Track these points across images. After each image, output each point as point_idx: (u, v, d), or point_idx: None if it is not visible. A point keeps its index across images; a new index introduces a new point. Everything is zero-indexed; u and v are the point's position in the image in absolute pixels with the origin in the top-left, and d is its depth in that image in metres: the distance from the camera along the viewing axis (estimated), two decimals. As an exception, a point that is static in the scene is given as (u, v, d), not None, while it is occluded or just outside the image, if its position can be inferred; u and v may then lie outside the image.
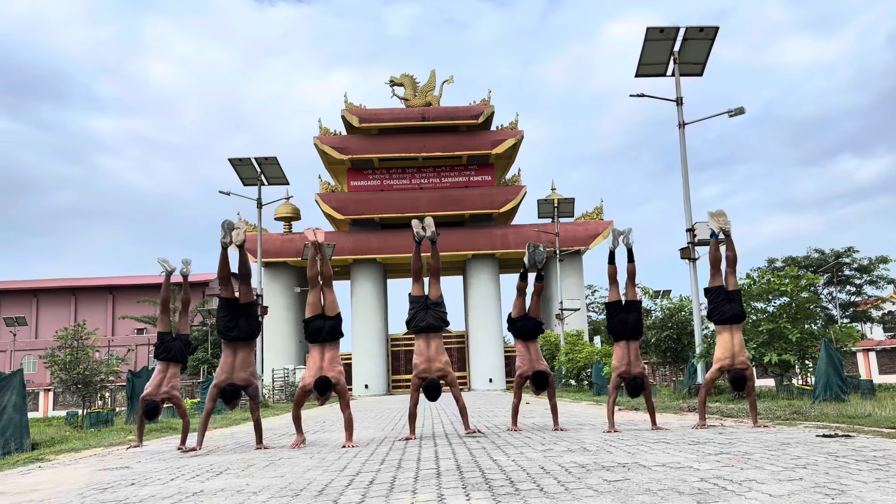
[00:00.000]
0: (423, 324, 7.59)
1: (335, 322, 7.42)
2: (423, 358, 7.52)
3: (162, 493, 4.41)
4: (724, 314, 7.65)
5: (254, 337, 7.41)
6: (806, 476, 3.95)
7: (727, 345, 7.56)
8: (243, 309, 7.38)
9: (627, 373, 7.86)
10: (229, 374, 7.20)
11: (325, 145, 47.48)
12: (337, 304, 7.59)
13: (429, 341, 7.58)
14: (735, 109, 18.28)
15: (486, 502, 3.53)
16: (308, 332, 7.35)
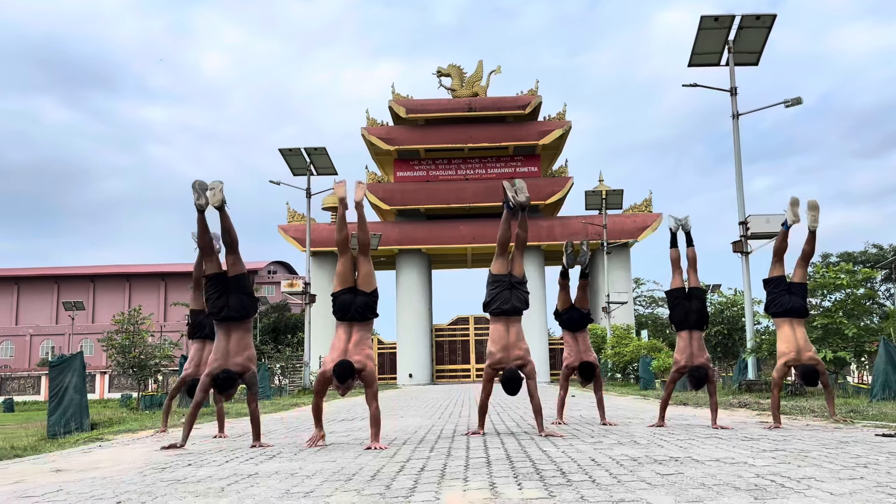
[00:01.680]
0: (508, 306, 6.58)
1: (368, 299, 6.16)
2: (501, 345, 6.52)
3: (218, 474, 4.52)
4: (783, 306, 7.13)
5: (248, 315, 6.36)
6: (867, 475, 3.85)
7: (790, 339, 7.03)
8: (233, 283, 6.30)
9: (689, 364, 7.37)
10: (223, 359, 6.15)
11: (373, 136, 47.79)
12: (374, 277, 6.29)
13: (509, 326, 6.58)
14: (792, 100, 17.79)
15: (538, 492, 3.53)
16: (335, 307, 6.15)
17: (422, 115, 48.77)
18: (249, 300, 6.35)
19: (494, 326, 6.64)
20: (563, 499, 3.32)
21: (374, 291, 6.20)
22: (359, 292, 6.16)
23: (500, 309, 6.59)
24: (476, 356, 50.07)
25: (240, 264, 6.39)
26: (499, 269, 6.73)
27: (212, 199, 6.22)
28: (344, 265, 6.21)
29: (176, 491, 3.89)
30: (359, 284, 6.18)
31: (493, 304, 6.63)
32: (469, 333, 50.63)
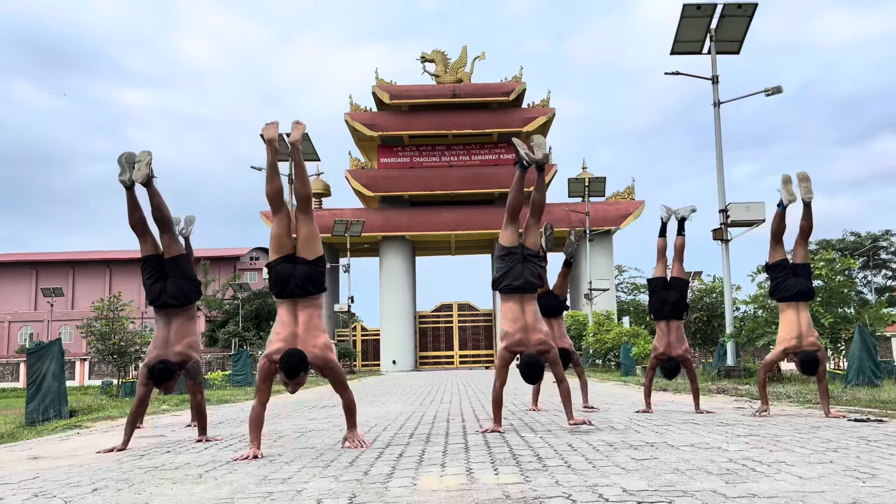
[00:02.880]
0: (521, 282, 5.73)
1: (311, 269, 4.89)
2: (519, 326, 5.67)
3: (196, 461, 4.52)
4: (789, 290, 6.76)
5: (189, 301, 5.70)
6: (836, 459, 3.92)
7: (793, 324, 6.70)
8: (172, 265, 5.70)
9: (666, 354, 7.38)
10: (162, 348, 5.52)
11: (356, 122, 47.55)
12: (318, 241, 5.03)
13: (524, 304, 5.73)
14: (772, 88, 17.90)
15: (514, 477, 3.57)
16: (271, 281, 4.95)
17: (406, 101, 48.57)
18: (189, 284, 5.74)
19: (507, 306, 5.77)
20: (538, 484, 3.36)
21: (318, 259, 4.91)
22: (299, 261, 4.87)
23: (511, 286, 5.74)
24: (459, 343, 50.22)
25: (176, 245, 5.80)
26: (509, 239, 5.88)
27: (136, 174, 5.46)
28: (279, 226, 4.92)
29: (153, 478, 3.90)
30: (298, 250, 4.92)
31: (503, 281, 5.80)
32: (453, 320, 50.74)
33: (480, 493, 3.16)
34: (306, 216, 4.95)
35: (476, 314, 50.79)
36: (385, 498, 3.12)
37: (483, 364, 49.29)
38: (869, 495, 2.92)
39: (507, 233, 5.91)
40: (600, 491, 3.14)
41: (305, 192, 5.03)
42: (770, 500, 2.87)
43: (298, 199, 5.01)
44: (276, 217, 4.95)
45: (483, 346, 50.13)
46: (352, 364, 40.88)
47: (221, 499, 3.21)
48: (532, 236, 5.96)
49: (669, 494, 3.03)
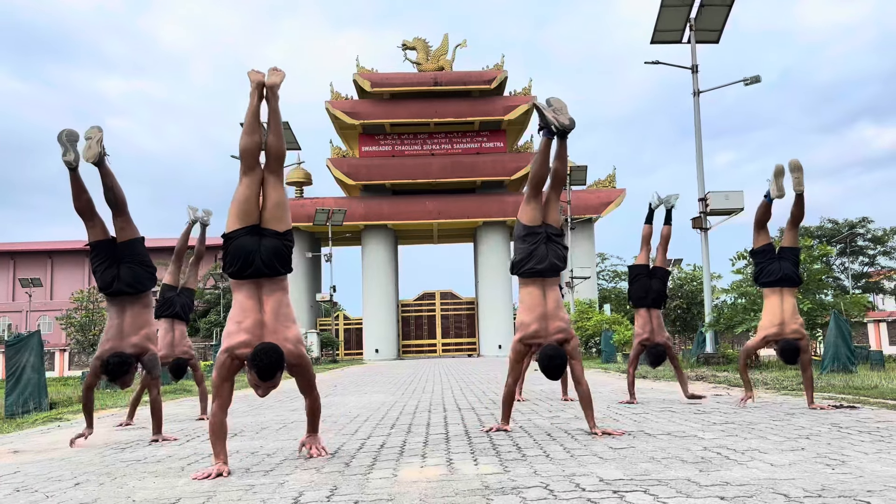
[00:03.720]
0: (545, 264, 5.06)
1: (280, 243, 4.07)
2: (538, 314, 4.97)
3: (179, 454, 4.54)
4: (772, 274, 6.49)
5: (144, 289, 5.28)
6: (808, 446, 4.02)
7: (775, 311, 6.41)
8: (125, 250, 5.23)
9: (649, 341, 7.30)
10: (116, 340, 5.12)
11: (337, 109, 47.29)
12: (288, 211, 4.25)
13: (546, 290, 5.07)
14: (751, 78, 18.05)
15: (493, 468, 3.62)
16: (229, 256, 4.02)
17: (387, 89, 48.36)
18: (144, 270, 5.27)
19: (527, 290, 5.11)
20: (516, 474, 3.42)
21: (287, 233, 4.13)
22: (266, 233, 4.04)
23: (534, 269, 5.06)
24: (442, 331, 50.36)
25: (130, 228, 5.27)
26: (531, 217, 5.19)
27: (86, 153, 4.98)
28: (249, 188, 4.05)
29: (136, 471, 3.91)
30: (265, 220, 4.08)
31: (525, 264, 5.09)
32: (435, 309, 50.85)
33: (460, 484, 3.21)
34: (277, 179, 4.16)
35: (459, 303, 50.93)
36: (366, 489, 3.16)
37: (466, 352, 49.48)
38: (837, 482, 3.00)
39: (528, 210, 5.20)
40: (577, 480, 3.21)
41: (279, 149, 4.22)
42: (741, 487, 2.95)
43: (269, 157, 4.17)
44: (246, 178, 4.05)
45: (465, 335, 50.31)
46: (334, 353, 40.88)
47: (203, 492, 3.24)
48: (554, 212, 5.28)
49: (644, 483, 3.10)
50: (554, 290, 5.13)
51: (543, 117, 5.08)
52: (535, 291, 5.07)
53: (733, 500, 2.71)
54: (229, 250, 3.98)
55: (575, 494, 2.91)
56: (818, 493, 2.79)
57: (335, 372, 22.96)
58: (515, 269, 5.18)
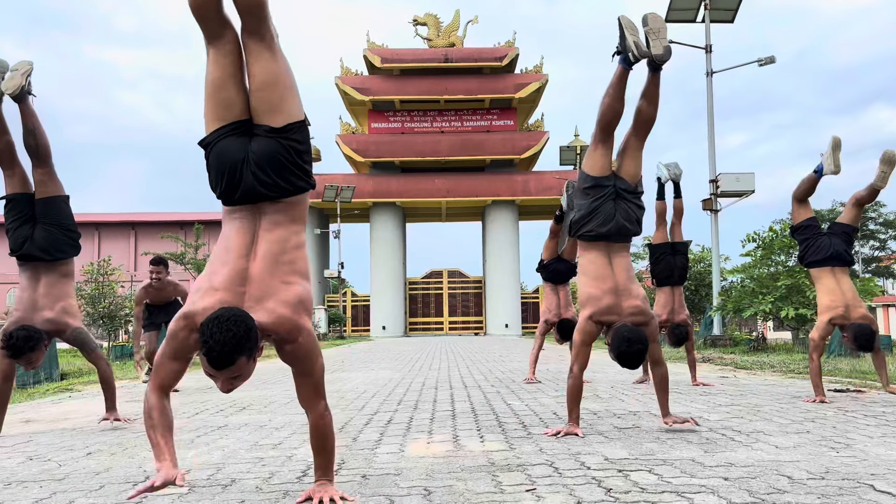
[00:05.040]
0: (611, 226, 4.07)
1: (282, 146, 2.55)
2: (609, 286, 4.05)
3: (188, 426, 4.59)
4: (821, 251, 5.73)
5: (63, 255, 4.55)
6: (813, 429, 4.03)
7: (834, 290, 5.65)
8: (44, 209, 4.48)
9: (670, 321, 7.07)
10: (27, 312, 4.38)
11: (346, 85, 47.07)
12: (286, 91, 2.58)
13: (613, 258, 4.14)
14: (766, 58, 17.84)
15: (499, 445, 3.66)
16: (211, 172, 2.61)
17: (397, 65, 48.06)
18: (64, 235, 4.54)
19: (588, 258, 4.16)
20: (522, 451, 3.45)
21: (290, 127, 2.57)
22: (258, 131, 2.57)
23: (596, 232, 4.09)
24: (449, 309, 50.49)
25: (53, 184, 4.52)
26: (597, 165, 4.15)
27: (6, 84, 4.26)
28: (217, 67, 2.56)
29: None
30: (254, 111, 2.58)
31: (586, 224, 4.13)
32: (443, 287, 50.93)
33: (466, 460, 3.25)
34: (260, 44, 2.52)
35: (466, 281, 51.00)
36: (373, 464, 3.20)
37: (472, 331, 49.65)
38: (841, 465, 3.02)
39: (595, 156, 4.17)
40: (583, 459, 3.24)
41: None
42: (745, 468, 2.97)
43: (240, 10, 2.51)
44: (213, 51, 2.55)
45: (472, 314, 50.42)
46: (342, 329, 41.12)
47: (213, 464, 3.28)
48: (631, 163, 4.20)
49: (649, 463, 3.13)
50: (623, 257, 4.17)
51: (623, 39, 4.01)
52: (599, 259, 4.13)
53: (737, 481, 2.73)
54: (210, 164, 2.59)
55: (580, 473, 2.94)
56: (821, 476, 2.81)
57: (342, 349, 23.11)
58: (574, 229, 4.26)
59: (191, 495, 2.69)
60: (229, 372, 2.30)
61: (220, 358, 2.25)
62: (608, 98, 4.08)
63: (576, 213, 4.26)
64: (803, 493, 2.53)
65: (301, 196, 2.61)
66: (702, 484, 2.70)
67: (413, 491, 2.67)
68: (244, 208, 2.57)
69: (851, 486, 2.63)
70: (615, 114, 4.11)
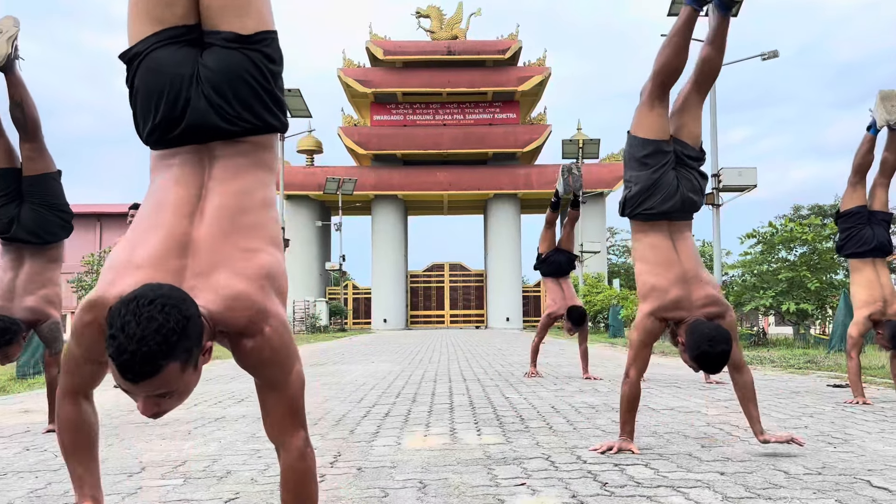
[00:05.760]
0: (674, 201, 3.40)
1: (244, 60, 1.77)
2: (675, 275, 3.34)
3: (186, 417, 4.59)
4: (864, 243, 5.34)
5: (53, 238, 4.18)
6: (811, 424, 4.03)
7: (873, 284, 5.30)
8: (31, 187, 4.07)
9: None
10: (4, 300, 3.97)
11: (349, 77, 46.97)
12: None
13: (676, 240, 3.46)
14: (769, 52, 17.76)
15: (496, 438, 3.65)
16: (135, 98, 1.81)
17: (400, 58, 47.94)
18: (55, 216, 4.14)
19: (647, 242, 3.47)
20: (518, 445, 3.45)
21: (264, 36, 1.82)
22: (212, 39, 1.79)
23: (657, 210, 3.40)
24: (450, 302, 50.52)
25: (43, 159, 4.09)
26: (656, 128, 3.45)
27: None
28: None
29: (143, 433, 3.97)
30: (209, 11, 1.79)
31: (646, 199, 3.42)
32: (444, 280, 50.93)
33: (462, 453, 3.24)
34: None
35: (468, 275, 50.97)
36: (369, 456, 3.20)
37: (474, 324, 49.66)
38: (839, 460, 3.01)
39: (652, 116, 3.44)
40: (579, 453, 3.23)
41: None
42: (742, 463, 2.96)
43: None
44: None
45: (474, 307, 50.42)
46: (343, 322, 41.16)
47: (209, 455, 3.28)
48: (693, 123, 3.58)
49: (646, 457, 3.12)
50: (687, 238, 3.50)
51: None
52: (662, 242, 3.41)
53: (733, 476, 2.72)
54: (135, 87, 1.81)
55: (576, 466, 2.94)
56: (818, 471, 2.80)
57: (343, 341, 23.12)
58: (627, 207, 3.52)
59: (185, 486, 2.68)
60: (151, 386, 1.46)
61: (137, 364, 1.41)
62: (670, 48, 3.42)
63: (628, 188, 3.54)
64: (799, 489, 2.52)
65: (270, 138, 1.85)
66: (698, 478, 2.69)
67: (408, 484, 2.67)
68: (185, 151, 1.79)
69: (848, 482, 2.62)
70: (677, 66, 3.46)
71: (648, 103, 3.44)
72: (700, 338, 3.10)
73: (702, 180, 3.53)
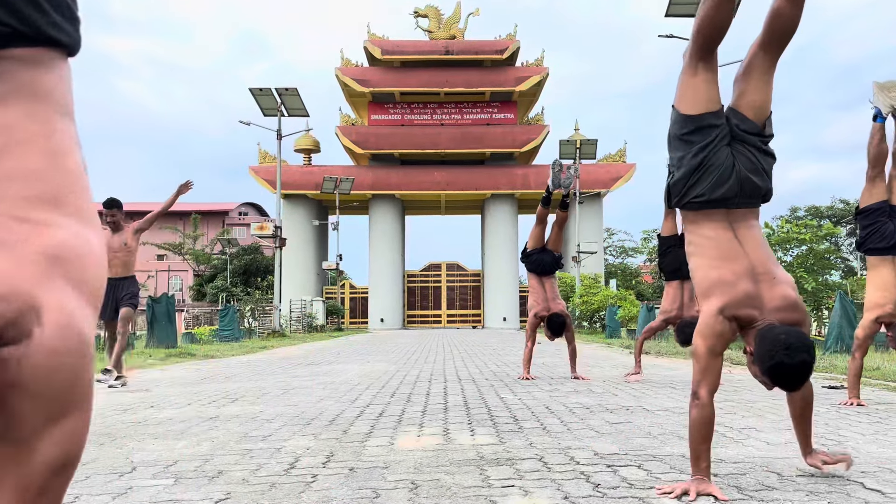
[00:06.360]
0: (727, 187, 2.77)
1: None
2: (741, 269, 2.73)
3: (179, 417, 4.58)
4: (885, 238, 5.07)
5: None
6: (805, 426, 4.02)
7: (887, 285, 5.08)
8: None
9: (678, 318, 6.69)
10: None
11: (347, 77, 46.94)
12: None
13: (738, 230, 2.80)
14: (766, 53, 17.81)
15: (489, 438, 3.64)
16: None
17: (397, 57, 47.92)
18: None
19: (702, 236, 2.83)
20: (512, 445, 3.44)
21: None
22: None
23: (707, 197, 2.78)
24: (447, 302, 50.50)
25: None
26: (700, 97, 2.85)
27: None
28: None
29: (135, 433, 3.95)
30: None
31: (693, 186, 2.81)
32: (441, 280, 50.93)
33: (455, 454, 3.23)
34: None
35: (465, 274, 50.97)
36: (362, 457, 3.19)
37: (471, 324, 49.66)
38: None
39: (695, 83, 2.84)
40: (572, 454, 3.22)
41: None
42: (735, 465, 2.95)
43: None
44: None
45: (471, 307, 50.42)
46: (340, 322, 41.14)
47: (200, 455, 3.27)
48: (758, 91, 2.88)
49: (639, 458, 3.11)
50: (753, 228, 2.82)
51: None
52: (721, 234, 2.78)
53: (726, 478, 2.72)
54: None
55: (569, 467, 2.93)
56: (811, 473, 2.80)
57: (339, 340, 23.11)
58: (673, 196, 2.93)
59: (176, 487, 2.67)
60: None
61: None
62: (710, 3, 2.79)
63: (674, 174, 2.91)
64: (792, 490, 2.51)
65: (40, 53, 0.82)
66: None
67: (400, 484, 2.66)
68: None
69: (841, 484, 2.61)
70: (720, 21, 2.84)
71: (691, 68, 2.85)
72: (775, 345, 2.49)
73: (765, 159, 2.83)
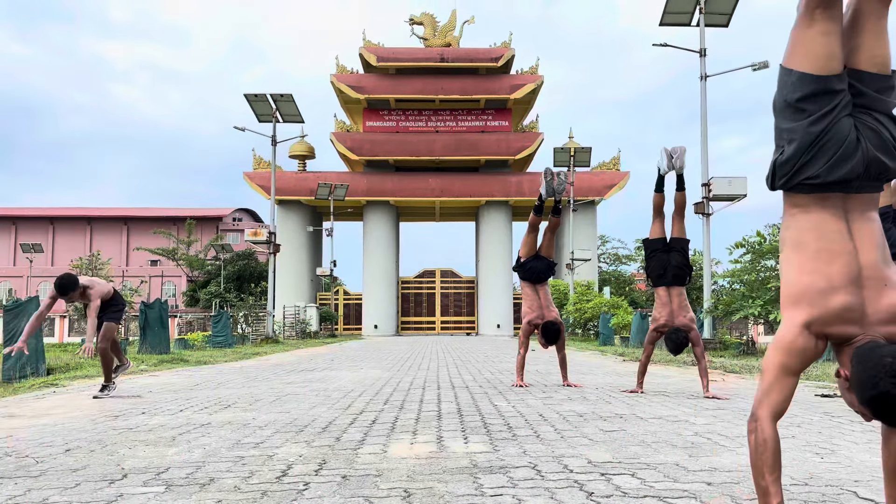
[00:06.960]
0: (851, 165, 2.10)
1: None
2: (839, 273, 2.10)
3: (171, 423, 4.55)
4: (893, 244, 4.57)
5: None
6: (798, 434, 4.02)
7: None
8: None
9: (667, 326, 6.40)
10: None
11: (342, 83, 46.98)
12: None
13: (853, 220, 2.15)
14: (759, 63, 17.88)
15: (482, 446, 3.63)
16: None
17: (393, 64, 48.00)
18: None
19: (805, 223, 2.20)
20: (505, 453, 3.42)
21: None
22: None
23: (823, 179, 2.13)
24: (441, 309, 50.45)
25: None
26: (820, 52, 2.10)
27: None
28: None
29: (126, 440, 3.92)
30: None
31: (808, 164, 2.14)
32: (435, 286, 50.89)
33: (448, 462, 3.22)
34: None
35: (459, 281, 50.96)
36: (354, 465, 3.17)
37: (465, 331, 49.62)
38: (826, 471, 3.00)
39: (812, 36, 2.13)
40: (566, 462, 3.21)
41: None
42: (729, 473, 2.95)
43: None
44: None
45: (465, 313, 50.40)
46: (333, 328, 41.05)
47: (192, 462, 3.24)
48: (873, 42, 2.15)
49: (633, 467, 3.10)
50: (870, 220, 2.21)
51: None
52: (830, 224, 2.18)
53: (720, 486, 2.71)
54: None
55: (562, 476, 2.92)
56: (805, 482, 2.79)
57: (333, 346, 23.04)
58: (779, 177, 2.24)
59: (167, 494, 2.65)
60: None
61: None
62: None
63: (784, 149, 2.24)
64: (786, 500, 2.50)
65: None
66: (684, 488, 2.68)
67: (393, 493, 2.64)
68: None
69: (834, 493, 2.61)
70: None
71: (806, 17, 2.15)
72: (878, 370, 1.95)
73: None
